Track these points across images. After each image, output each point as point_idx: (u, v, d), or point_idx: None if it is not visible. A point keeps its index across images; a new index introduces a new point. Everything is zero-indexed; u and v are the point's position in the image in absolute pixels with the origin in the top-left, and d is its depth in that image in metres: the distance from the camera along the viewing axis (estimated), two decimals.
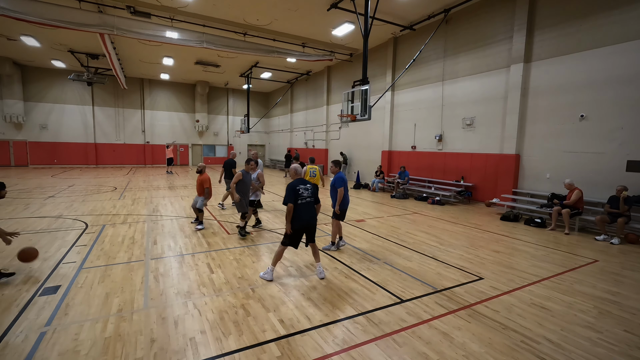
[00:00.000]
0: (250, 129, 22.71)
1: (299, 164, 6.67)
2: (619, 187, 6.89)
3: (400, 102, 14.18)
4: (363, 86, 9.50)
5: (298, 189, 4.40)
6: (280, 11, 11.72)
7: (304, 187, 4.47)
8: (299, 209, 4.35)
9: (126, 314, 3.49)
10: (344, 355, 2.88)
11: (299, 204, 4.36)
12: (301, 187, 4.44)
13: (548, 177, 9.06)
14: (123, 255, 5.40)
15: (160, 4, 11.24)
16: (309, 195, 4.47)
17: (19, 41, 15.56)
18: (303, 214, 4.37)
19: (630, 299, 4.13)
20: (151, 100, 24.91)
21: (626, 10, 7.45)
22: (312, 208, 4.51)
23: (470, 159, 11.27)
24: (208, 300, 3.86)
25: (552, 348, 3.04)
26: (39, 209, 8.86)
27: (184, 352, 2.87)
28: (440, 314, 3.63)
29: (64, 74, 21.12)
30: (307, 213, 4.42)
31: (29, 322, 3.30)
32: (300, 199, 4.37)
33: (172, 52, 17.03)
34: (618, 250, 6.28)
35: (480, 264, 5.31)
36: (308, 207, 4.44)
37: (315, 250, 4.67)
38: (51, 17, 10.24)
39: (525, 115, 9.52)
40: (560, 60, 8.67)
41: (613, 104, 7.71)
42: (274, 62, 18.48)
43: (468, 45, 11.12)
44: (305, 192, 4.44)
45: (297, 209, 4.34)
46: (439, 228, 7.75)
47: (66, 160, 22.71)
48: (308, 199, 4.45)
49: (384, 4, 10.75)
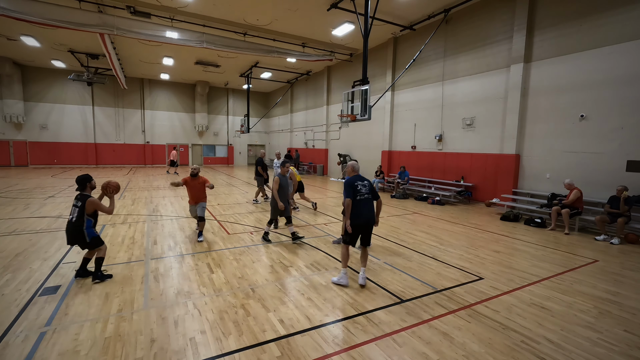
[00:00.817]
0: (250, 129, 22.72)
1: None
2: (620, 187, 6.88)
3: (400, 102, 14.18)
4: (363, 86, 9.50)
5: (356, 185, 4.31)
6: (280, 11, 11.72)
7: (362, 184, 4.36)
8: (358, 206, 4.27)
9: (126, 314, 3.49)
10: (344, 355, 2.88)
11: (358, 200, 4.28)
12: (359, 183, 4.35)
13: (548, 177, 9.06)
14: (123, 255, 5.40)
15: (160, 4, 11.24)
16: (367, 192, 4.36)
17: (19, 41, 15.56)
18: (362, 211, 4.28)
19: (630, 299, 4.13)
20: (151, 100, 24.92)
21: (626, 10, 7.45)
22: (371, 205, 4.40)
23: (470, 159, 11.27)
24: (208, 300, 3.86)
25: (552, 348, 3.04)
26: (39, 209, 8.86)
27: (184, 352, 2.87)
28: (440, 314, 3.63)
29: (64, 74, 21.12)
30: (366, 209, 4.31)
31: (29, 322, 3.30)
32: (358, 195, 4.29)
33: (172, 52, 17.03)
34: (618, 250, 6.28)
35: (480, 264, 5.31)
36: (367, 204, 4.34)
37: (365, 255, 4.49)
38: (51, 17, 10.24)
39: (525, 115, 9.52)
40: (560, 60, 8.67)
41: (613, 104, 7.71)
42: (274, 62, 18.48)
43: (468, 45, 11.12)
44: (363, 189, 4.33)
45: (356, 205, 4.26)
46: (439, 228, 7.75)
47: (66, 160, 22.71)
48: (366, 195, 4.34)
49: (384, 4, 10.75)
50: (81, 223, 4.19)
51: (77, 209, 4.20)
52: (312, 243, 6.24)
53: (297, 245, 6.09)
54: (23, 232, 6.59)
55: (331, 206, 10.11)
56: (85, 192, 4.37)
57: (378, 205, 4.57)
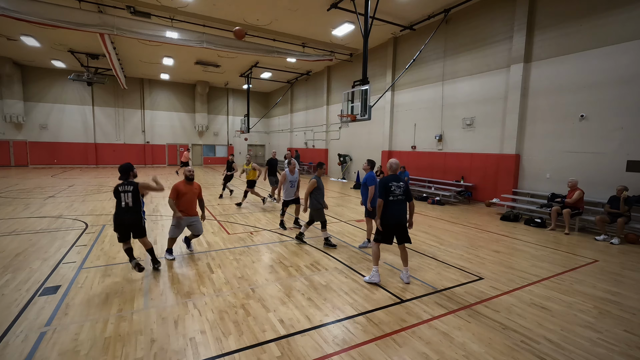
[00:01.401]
0: (250, 129, 22.71)
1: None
2: (620, 187, 6.89)
3: (400, 102, 14.17)
4: (363, 86, 9.50)
5: (390, 186, 4.28)
6: (280, 11, 11.72)
7: (397, 185, 4.32)
8: (390, 206, 4.27)
9: (126, 314, 3.49)
10: (344, 355, 2.88)
11: (390, 200, 4.27)
12: (393, 184, 4.30)
13: (548, 177, 9.06)
14: (123, 255, 5.37)
15: (160, 4, 11.24)
16: (401, 194, 4.33)
17: (19, 41, 15.56)
18: (395, 211, 4.29)
19: (630, 299, 4.13)
20: (151, 100, 24.92)
21: (626, 10, 7.45)
22: (404, 206, 4.40)
23: (470, 159, 11.27)
24: (208, 300, 3.86)
25: (552, 348, 3.04)
26: (39, 209, 8.86)
27: (184, 352, 2.87)
28: (440, 314, 3.63)
29: (64, 74, 21.12)
30: (399, 210, 4.32)
31: (29, 322, 3.30)
32: (391, 195, 4.27)
33: (172, 52, 17.03)
34: (618, 250, 6.28)
35: (480, 264, 5.31)
36: (399, 205, 4.33)
37: (405, 254, 4.50)
38: (51, 17, 10.23)
39: (525, 115, 9.51)
40: (560, 60, 8.66)
41: (613, 104, 7.71)
42: (274, 62, 18.47)
43: (468, 45, 11.12)
44: (397, 190, 4.30)
45: (388, 206, 4.26)
46: (439, 228, 7.75)
47: (66, 160, 22.71)
48: (400, 197, 4.32)
49: (384, 4, 10.75)
50: (139, 205, 4.47)
51: (130, 193, 4.40)
52: (312, 243, 6.24)
53: (297, 246, 6.09)
54: (23, 232, 6.59)
55: (331, 206, 10.10)
56: (129, 179, 4.55)
57: (411, 208, 4.55)
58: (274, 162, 10.68)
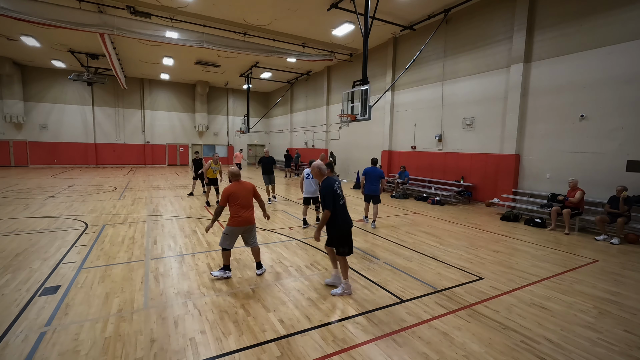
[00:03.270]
0: (250, 129, 22.72)
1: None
2: (619, 187, 6.88)
3: (400, 102, 14.17)
4: (363, 86, 9.50)
5: (336, 189, 3.91)
6: (280, 11, 11.72)
7: (338, 185, 4.00)
8: (342, 211, 3.95)
9: (126, 314, 3.49)
10: (344, 355, 2.88)
11: (342, 204, 3.97)
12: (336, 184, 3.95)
13: (548, 177, 9.05)
14: (123, 255, 5.40)
15: (160, 4, 11.24)
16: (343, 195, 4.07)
17: (19, 41, 15.56)
18: (345, 216, 4.00)
19: (630, 299, 4.13)
20: (151, 100, 24.92)
21: (626, 10, 7.45)
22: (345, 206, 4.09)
23: (470, 159, 11.27)
24: (208, 300, 3.86)
25: (552, 348, 3.04)
26: (39, 209, 8.86)
27: (184, 352, 2.87)
28: (440, 314, 3.63)
29: (64, 74, 21.12)
30: (346, 212, 4.05)
31: (29, 322, 3.30)
32: (341, 199, 3.97)
33: (172, 52, 17.03)
34: (618, 250, 6.28)
35: (480, 264, 5.31)
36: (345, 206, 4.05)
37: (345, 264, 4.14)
38: (51, 17, 10.23)
39: (525, 115, 9.51)
40: (560, 60, 8.66)
41: (613, 104, 7.71)
42: (274, 62, 18.47)
43: (468, 45, 11.12)
44: (340, 190, 3.99)
45: (339, 212, 3.90)
46: (439, 228, 7.75)
47: (66, 160, 22.71)
48: (343, 199, 4.03)
49: (384, 4, 10.75)
50: None
51: None
52: (311, 243, 6.24)
53: (297, 245, 6.09)
54: (23, 232, 6.59)
55: None
56: None
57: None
58: (269, 160, 10.66)
